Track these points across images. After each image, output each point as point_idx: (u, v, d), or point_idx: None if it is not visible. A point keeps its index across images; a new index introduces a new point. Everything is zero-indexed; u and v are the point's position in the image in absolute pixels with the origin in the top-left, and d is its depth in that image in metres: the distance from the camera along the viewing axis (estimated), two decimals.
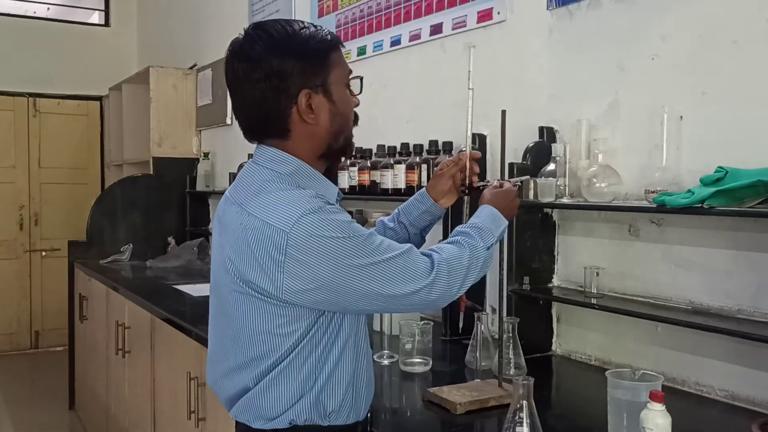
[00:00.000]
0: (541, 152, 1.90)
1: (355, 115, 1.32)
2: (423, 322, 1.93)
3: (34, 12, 5.87)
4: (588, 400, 1.62)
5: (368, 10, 2.80)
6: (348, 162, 2.64)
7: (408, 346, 1.82)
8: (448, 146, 2.24)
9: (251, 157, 1.30)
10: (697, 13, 1.61)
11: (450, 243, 1.28)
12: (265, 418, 1.22)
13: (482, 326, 1.78)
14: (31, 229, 5.68)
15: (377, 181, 2.46)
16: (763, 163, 1.43)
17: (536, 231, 1.92)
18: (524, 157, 1.92)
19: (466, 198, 1.49)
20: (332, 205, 1.19)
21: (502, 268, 1.56)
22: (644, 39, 1.73)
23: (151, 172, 4.42)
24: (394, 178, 2.38)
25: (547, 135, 1.95)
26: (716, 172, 1.45)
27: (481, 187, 1.51)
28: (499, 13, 2.17)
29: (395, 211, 1.56)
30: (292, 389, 1.20)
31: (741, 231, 1.53)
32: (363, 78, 1.31)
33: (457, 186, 1.51)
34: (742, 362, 1.52)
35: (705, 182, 1.45)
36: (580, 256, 1.90)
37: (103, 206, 4.28)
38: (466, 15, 2.29)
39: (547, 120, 1.97)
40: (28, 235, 5.67)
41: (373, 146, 2.56)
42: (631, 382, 1.22)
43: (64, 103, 5.77)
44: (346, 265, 1.12)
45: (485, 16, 2.22)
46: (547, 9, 1.99)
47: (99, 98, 5.76)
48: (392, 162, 2.42)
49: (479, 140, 2.15)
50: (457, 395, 1.48)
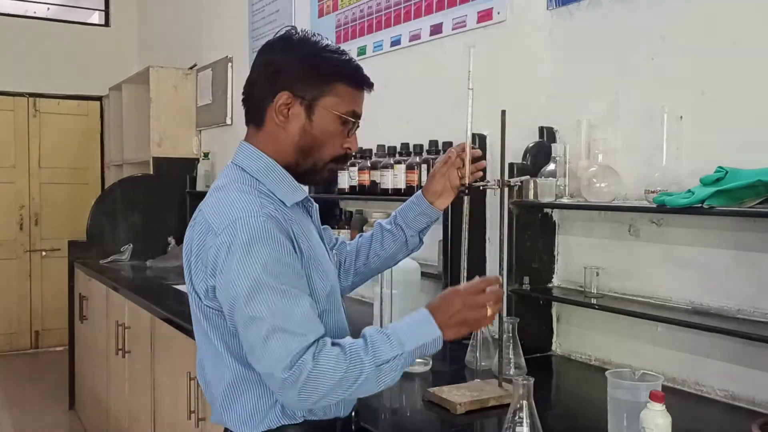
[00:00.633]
0: (541, 152, 1.90)
1: (346, 156, 1.28)
2: None
3: (34, 12, 5.87)
4: (588, 400, 1.62)
5: (368, 10, 2.80)
6: (348, 162, 2.64)
7: None
8: (448, 146, 2.24)
9: None
10: (697, 13, 1.61)
11: (344, 346, 1.12)
12: (239, 425, 1.22)
13: None
14: (31, 229, 5.68)
15: (377, 181, 2.46)
16: (763, 163, 1.43)
17: (536, 231, 1.92)
18: (524, 157, 1.92)
19: (466, 198, 1.48)
20: (281, 214, 1.17)
21: (502, 268, 1.55)
22: (644, 39, 1.72)
23: (151, 172, 4.42)
24: (394, 178, 2.38)
25: (547, 135, 1.95)
26: (716, 172, 1.45)
27: (481, 188, 1.50)
28: (499, 13, 2.17)
29: (393, 213, 1.53)
30: (258, 399, 1.20)
31: (741, 231, 1.53)
32: (357, 126, 1.28)
33: (454, 185, 1.45)
34: (742, 362, 1.52)
35: (705, 182, 1.45)
36: (580, 256, 1.90)
37: (103, 206, 4.28)
38: (466, 15, 2.29)
39: (547, 120, 1.97)
40: (28, 235, 5.67)
41: (373, 146, 2.56)
42: (631, 382, 1.22)
43: (64, 103, 5.77)
44: (246, 275, 1.09)
45: (485, 16, 2.22)
46: (547, 9, 1.99)
47: (99, 98, 5.76)
48: (392, 162, 2.42)
49: (479, 140, 2.15)
50: (457, 395, 1.48)
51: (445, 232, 2.10)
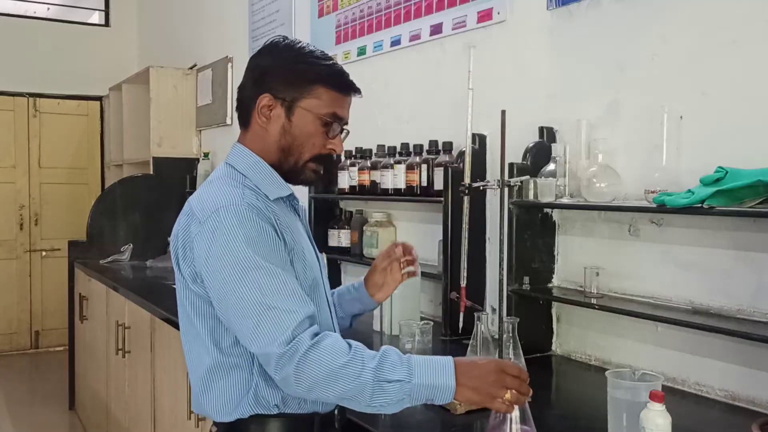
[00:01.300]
0: (541, 152, 1.90)
1: (329, 157, 1.31)
2: (423, 322, 1.93)
3: (34, 12, 5.87)
4: (588, 400, 1.62)
5: (368, 10, 2.80)
6: (348, 162, 2.64)
7: (408, 346, 1.82)
8: (448, 146, 2.24)
9: None
10: (697, 13, 1.61)
11: (353, 344, 1.12)
12: (215, 412, 1.26)
13: (482, 326, 1.77)
14: (31, 229, 5.68)
15: (377, 181, 2.46)
16: (763, 163, 1.43)
17: (536, 231, 1.92)
18: (524, 157, 1.92)
19: (466, 198, 1.48)
20: (263, 204, 1.21)
21: (502, 268, 1.55)
22: (644, 39, 1.72)
23: (151, 172, 4.42)
24: (394, 178, 2.38)
25: (547, 135, 1.95)
26: (716, 172, 1.45)
27: (481, 188, 1.50)
28: (499, 13, 2.16)
29: (333, 290, 1.51)
30: (232, 385, 1.23)
31: (741, 231, 1.53)
32: (346, 132, 1.33)
33: (395, 279, 1.49)
34: (742, 362, 1.52)
35: (705, 182, 1.45)
36: (580, 256, 1.90)
37: (103, 206, 4.28)
38: (466, 15, 2.29)
39: (547, 120, 1.97)
40: (28, 235, 5.67)
41: (373, 146, 2.56)
42: (631, 382, 1.22)
43: (64, 103, 5.77)
44: (233, 259, 1.13)
45: (485, 16, 2.22)
46: (547, 9, 1.99)
47: (99, 98, 5.77)
48: (392, 162, 2.42)
49: (479, 140, 2.15)
50: None
51: (445, 232, 2.10)
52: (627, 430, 1.20)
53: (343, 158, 2.70)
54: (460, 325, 1.72)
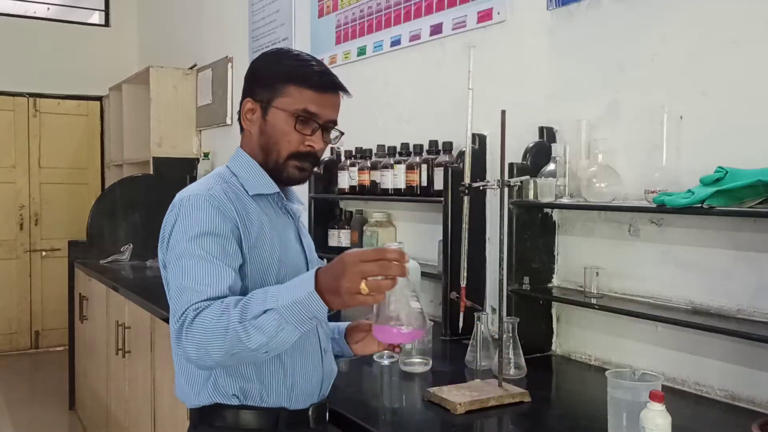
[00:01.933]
0: (541, 152, 1.90)
1: (309, 154, 1.31)
2: None
3: (34, 12, 5.87)
4: (588, 400, 1.62)
5: (368, 10, 2.80)
6: (348, 162, 2.64)
7: (408, 346, 1.82)
8: (448, 146, 2.24)
9: None
10: (697, 13, 1.61)
11: (224, 300, 1.11)
12: (182, 395, 1.31)
13: (482, 326, 1.78)
14: (31, 229, 5.68)
15: (377, 181, 2.46)
16: (763, 163, 1.43)
17: (536, 231, 1.92)
18: (524, 157, 1.92)
19: (466, 198, 1.48)
20: (233, 195, 1.26)
21: (502, 268, 1.55)
22: (644, 39, 1.73)
23: (151, 172, 4.42)
24: (394, 178, 2.38)
25: (547, 135, 1.95)
26: (716, 172, 1.45)
27: (481, 188, 1.51)
28: (499, 14, 2.17)
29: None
30: (195, 370, 1.26)
31: (741, 231, 1.53)
32: (339, 132, 1.34)
33: (373, 351, 1.46)
34: (742, 362, 1.52)
35: (705, 182, 1.45)
36: (580, 256, 1.90)
37: (103, 206, 4.28)
38: (466, 15, 2.29)
39: (547, 120, 1.97)
40: (28, 235, 5.67)
41: (373, 146, 2.56)
42: (631, 382, 1.22)
43: (64, 103, 5.77)
44: (177, 245, 1.21)
45: (485, 16, 2.22)
46: (547, 9, 1.99)
47: (99, 98, 5.77)
48: (392, 162, 2.42)
49: (479, 140, 2.15)
50: (457, 395, 1.48)
51: (445, 232, 2.10)
52: (627, 430, 1.20)
53: (343, 158, 2.70)
54: (460, 325, 1.72)
